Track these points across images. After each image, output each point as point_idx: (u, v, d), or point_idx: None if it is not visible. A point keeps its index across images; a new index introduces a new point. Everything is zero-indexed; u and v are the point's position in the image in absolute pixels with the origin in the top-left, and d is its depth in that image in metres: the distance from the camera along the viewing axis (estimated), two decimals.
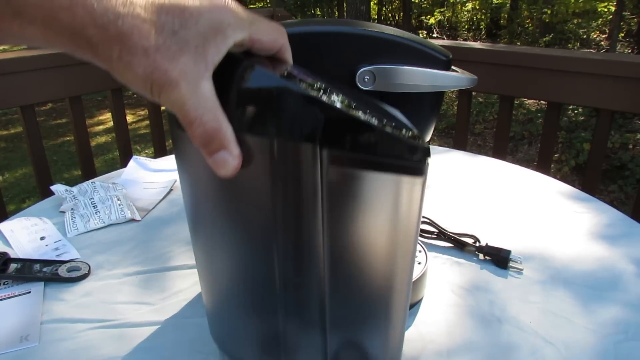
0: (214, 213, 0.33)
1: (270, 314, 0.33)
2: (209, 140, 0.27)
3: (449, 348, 0.48)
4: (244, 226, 0.32)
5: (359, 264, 0.30)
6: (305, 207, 0.28)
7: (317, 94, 0.27)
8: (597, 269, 0.60)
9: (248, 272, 0.33)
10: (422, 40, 0.46)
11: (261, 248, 0.31)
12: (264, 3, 12.96)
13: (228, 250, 0.33)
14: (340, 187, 0.27)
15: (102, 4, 0.26)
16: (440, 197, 0.80)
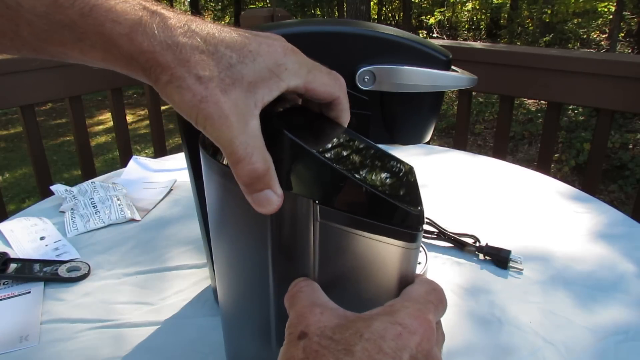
0: (224, 237, 0.34)
1: (265, 341, 0.33)
2: (256, 180, 0.27)
3: (449, 348, 0.48)
4: (243, 261, 0.33)
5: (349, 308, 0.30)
6: (297, 254, 0.28)
7: (319, 154, 0.27)
8: (597, 269, 0.60)
9: (247, 303, 0.34)
10: (422, 40, 0.46)
11: (257, 282, 0.31)
12: (264, 3, 12.97)
13: (235, 275, 0.35)
14: (331, 240, 0.27)
15: (163, 33, 0.26)
16: (440, 197, 0.80)
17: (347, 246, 0.27)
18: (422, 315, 0.25)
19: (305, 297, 0.27)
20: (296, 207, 0.27)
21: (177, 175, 0.88)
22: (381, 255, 0.28)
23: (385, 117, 0.48)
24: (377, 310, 0.26)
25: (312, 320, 0.25)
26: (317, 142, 0.29)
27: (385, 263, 0.28)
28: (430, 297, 0.27)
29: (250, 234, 0.31)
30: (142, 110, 5.25)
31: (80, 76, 1.37)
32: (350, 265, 0.28)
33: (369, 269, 0.28)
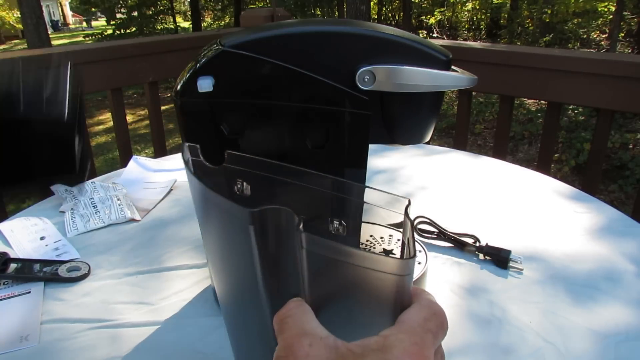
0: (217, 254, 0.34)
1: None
2: None
3: (449, 348, 0.48)
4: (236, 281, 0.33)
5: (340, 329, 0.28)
6: (286, 277, 0.28)
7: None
8: (597, 268, 0.60)
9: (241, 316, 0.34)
10: (422, 40, 0.46)
11: (249, 292, 0.31)
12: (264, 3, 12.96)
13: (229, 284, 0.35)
14: (319, 267, 0.27)
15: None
16: (440, 197, 0.80)
17: (336, 273, 0.26)
18: (419, 352, 0.23)
19: (293, 324, 0.25)
20: (281, 235, 0.26)
21: (177, 175, 0.88)
22: (372, 282, 0.26)
23: (385, 117, 0.48)
24: (371, 342, 0.24)
25: (301, 355, 0.23)
26: None
27: (377, 290, 0.27)
28: (429, 325, 0.25)
29: (236, 250, 0.30)
30: (142, 110, 5.24)
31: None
32: (341, 291, 0.27)
33: (360, 296, 0.27)
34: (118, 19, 11.66)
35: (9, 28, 17.27)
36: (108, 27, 12.75)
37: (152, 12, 11.71)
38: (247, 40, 0.44)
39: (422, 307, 0.26)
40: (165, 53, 1.61)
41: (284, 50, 0.44)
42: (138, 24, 10.93)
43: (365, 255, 0.25)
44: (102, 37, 11.24)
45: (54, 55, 1.30)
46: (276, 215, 0.25)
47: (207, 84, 0.43)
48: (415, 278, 0.52)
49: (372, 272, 0.25)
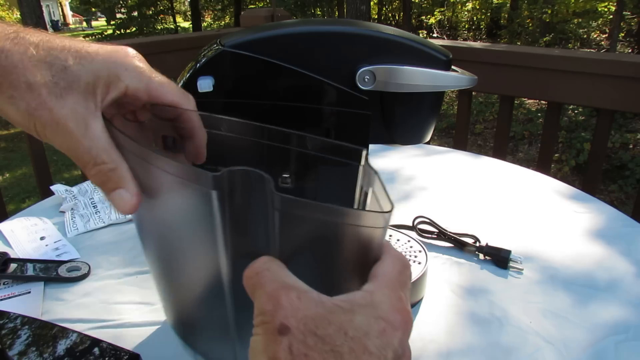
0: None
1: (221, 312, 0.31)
2: (106, 180, 0.27)
3: (449, 348, 0.48)
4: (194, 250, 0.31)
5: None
6: (255, 243, 0.27)
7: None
8: (597, 269, 0.60)
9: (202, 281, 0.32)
10: (422, 40, 0.46)
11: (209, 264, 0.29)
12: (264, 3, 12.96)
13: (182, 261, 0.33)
14: (293, 228, 0.25)
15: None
16: (440, 197, 0.80)
17: (311, 231, 0.25)
18: (403, 307, 0.24)
19: (273, 277, 0.23)
20: (249, 198, 0.25)
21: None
22: (348, 238, 0.26)
23: (385, 117, 0.48)
24: (357, 298, 0.23)
25: (290, 308, 0.22)
26: None
27: (352, 245, 0.26)
28: (404, 278, 0.26)
29: (192, 224, 0.29)
30: None
31: None
32: (314, 249, 0.26)
33: (334, 252, 0.26)
34: (118, 19, 11.66)
35: None
36: (108, 27, 12.75)
37: (152, 12, 11.71)
38: (247, 40, 0.44)
39: (395, 260, 0.26)
40: (165, 53, 1.61)
41: (284, 50, 0.44)
42: (138, 24, 10.93)
43: (344, 211, 0.24)
44: (102, 37, 11.24)
45: None
46: (244, 177, 0.24)
47: (207, 84, 0.43)
48: (415, 278, 0.52)
49: (350, 227, 0.25)
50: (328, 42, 0.45)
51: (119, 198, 0.27)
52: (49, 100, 0.25)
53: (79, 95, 0.26)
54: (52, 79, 0.25)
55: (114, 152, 0.27)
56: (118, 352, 0.43)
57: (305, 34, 0.44)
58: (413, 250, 0.57)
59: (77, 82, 0.26)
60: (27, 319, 0.46)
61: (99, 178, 0.27)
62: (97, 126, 0.26)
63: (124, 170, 0.27)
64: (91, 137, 0.26)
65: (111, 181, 0.27)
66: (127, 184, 0.27)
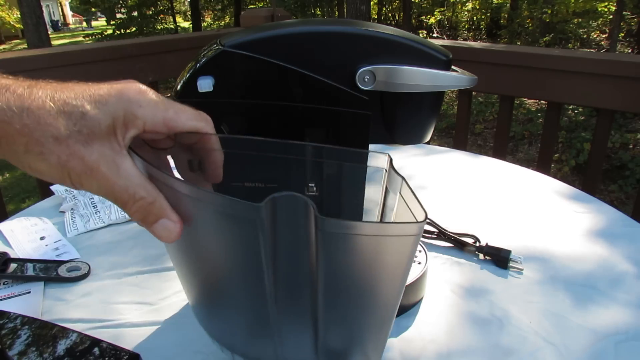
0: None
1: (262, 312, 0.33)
2: (147, 213, 0.28)
3: (449, 348, 0.48)
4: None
5: (350, 295, 0.31)
6: (297, 266, 0.29)
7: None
8: (597, 269, 0.60)
9: (240, 280, 0.34)
10: (422, 40, 0.46)
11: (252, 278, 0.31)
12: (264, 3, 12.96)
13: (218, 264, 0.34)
14: (334, 247, 0.27)
15: (3, 98, 0.25)
16: (440, 197, 0.80)
17: (353, 248, 0.27)
18: None
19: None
20: (292, 222, 0.27)
21: (177, 175, 0.88)
22: (388, 249, 0.28)
23: (385, 117, 0.48)
24: None
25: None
26: None
27: (392, 255, 0.28)
28: None
29: (233, 249, 0.30)
30: None
31: (80, 76, 1.37)
32: (356, 265, 0.28)
33: (375, 264, 0.29)
34: (118, 19, 11.66)
35: (9, 28, 17.27)
36: (108, 27, 12.75)
37: (152, 12, 11.71)
38: (247, 40, 0.44)
39: None
40: (165, 53, 1.61)
41: (284, 50, 0.44)
42: (138, 24, 10.93)
43: (382, 227, 0.27)
44: (102, 37, 11.24)
45: None
46: (289, 203, 0.25)
47: (207, 84, 0.43)
48: (415, 278, 0.52)
49: (388, 238, 0.27)
50: (328, 42, 0.45)
51: (162, 228, 0.28)
52: (77, 149, 0.26)
53: (103, 139, 0.27)
54: (75, 128, 0.26)
55: (149, 186, 0.28)
56: (118, 352, 0.43)
57: (305, 34, 0.44)
58: None
59: (98, 127, 0.27)
60: (27, 319, 0.46)
61: (140, 214, 0.28)
62: (127, 165, 0.27)
63: (162, 201, 0.28)
64: (125, 176, 0.27)
65: (152, 214, 0.28)
66: (168, 213, 0.28)
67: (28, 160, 0.26)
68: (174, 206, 0.29)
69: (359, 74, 0.44)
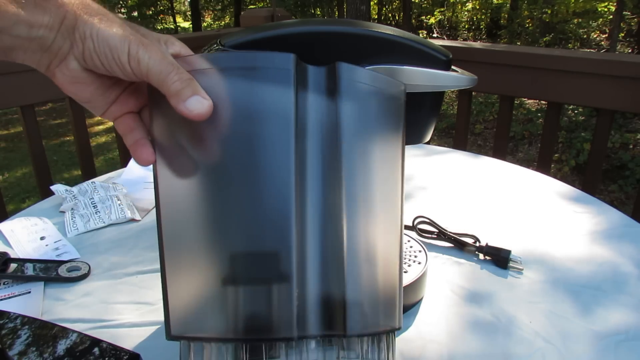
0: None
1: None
2: (186, 85, 0.31)
3: (449, 348, 0.48)
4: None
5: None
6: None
7: None
8: (597, 269, 0.60)
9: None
10: (422, 40, 0.46)
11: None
12: (264, 3, 12.96)
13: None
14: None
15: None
16: (440, 197, 0.80)
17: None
18: None
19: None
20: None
21: None
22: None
23: None
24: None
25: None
26: None
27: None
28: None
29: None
30: None
31: None
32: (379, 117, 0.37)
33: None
34: None
35: None
36: None
37: (152, 12, 11.71)
38: (247, 40, 0.44)
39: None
40: None
41: (284, 50, 0.44)
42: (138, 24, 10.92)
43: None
44: None
45: None
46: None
47: None
48: (415, 278, 0.52)
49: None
50: (328, 42, 0.45)
51: (196, 101, 0.31)
52: (137, 32, 0.32)
53: (152, 40, 0.33)
54: (132, 30, 0.32)
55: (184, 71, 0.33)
56: (118, 352, 0.43)
57: (305, 34, 0.44)
58: (413, 250, 0.57)
59: (149, 37, 0.33)
60: (27, 319, 0.46)
61: (179, 84, 0.31)
62: (169, 52, 0.33)
63: (197, 83, 0.32)
64: (171, 57, 0.32)
65: (189, 87, 0.31)
66: (202, 92, 0.32)
67: (98, 26, 0.31)
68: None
69: None
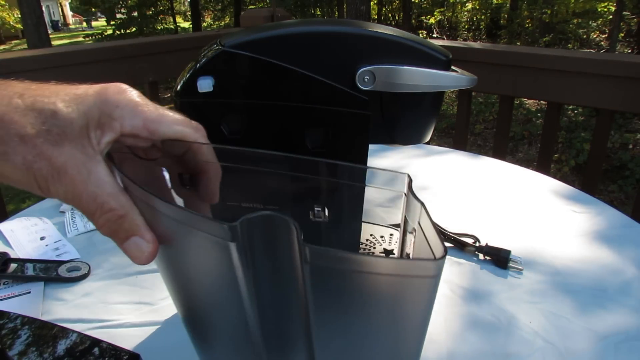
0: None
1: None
2: (116, 228, 0.25)
3: (448, 348, 0.48)
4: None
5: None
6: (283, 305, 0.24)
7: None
8: (596, 269, 0.60)
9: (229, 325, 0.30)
10: (422, 40, 0.46)
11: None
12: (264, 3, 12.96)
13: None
14: (325, 282, 0.22)
15: None
16: (440, 197, 0.80)
17: (345, 284, 0.22)
18: None
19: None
20: (274, 247, 0.22)
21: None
22: (393, 290, 0.22)
23: (385, 117, 0.48)
24: None
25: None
26: None
27: (400, 298, 0.22)
28: None
29: (210, 275, 0.26)
30: None
31: (80, 76, 1.37)
32: (355, 304, 0.23)
33: (376, 307, 0.23)
34: (118, 19, 11.66)
35: (9, 28, 17.27)
36: (108, 27, 12.75)
37: (152, 12, 11.71)
38: (247, 40, 0.44)
39: None
40: (165, 53, 1.61)
41: (284, 50, 0.44)
42: (138, 24, 10.93)
43: (384, 262, 0.21)
44: (102, 37, 11.24)
45: None
46: (266, 225, 0.21)
47: (207, 84, 0.43)
48: None
49: (393, 278, 0.21)
50: (328, 42, 0.45)
51: (134, 247, 0.25)
52: (45, 149, 0.23)
53: (75, 140, 0.24)
54: (43, 127, 0.24)
55: (123, 197, 0.25)
56: (118, 352, 0.43)
57: (305, 34, 0.44)
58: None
59: (70, 127, 0.24)
60: (27, 319, 0.46)
61: (108, 228, 0.25)
62: (99, 171, 0.25)
63: (135, 215, 0.25)
64: (95, 183, 0.24)
65: (122, 229, 0.25)
66: (141, 230, 0.25)
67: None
68: (152, 225, 0.26)
69: (359, 74, 0.44)
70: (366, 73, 0.44)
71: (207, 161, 0.30)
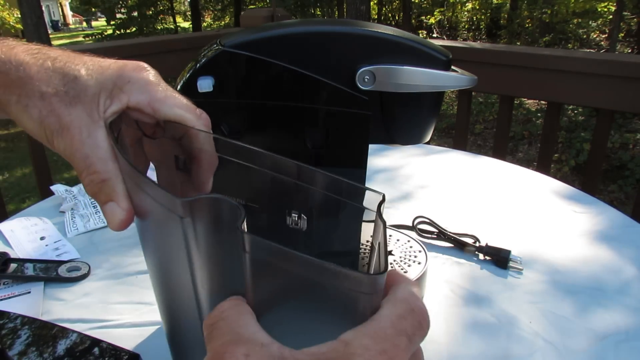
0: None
1: None
2: (97, 190, 0.27)
3: (448, 348, 0.48)
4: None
5: None
6: (225, 283, 0.23)
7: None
8: (596, 269, 0.60)
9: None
10: (422, 40, 0.46)
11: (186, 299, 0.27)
12: (264, 3, 12.96)
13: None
14: (262, 274, 0.21)
15: (8, 53, 0.27)
16: (440, 197, 0.80)
17: (285, 283, 0.21)
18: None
19: (226, 329, 0.20)
20: (221, 231, 0.22)
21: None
22: (330, 297, 0.21)
23: (385, 117, 0.48)
24: (326, 350, 0.19)
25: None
26: None
27: (335, 305, 0.21)
28: (403, 325, 0.20)
29: (169, 247, 0.27)
30: None
31: None
32: (291, 301, 0.22)
33: (314, 308, 0.22)
34: (118, 19, 11.66)
35: (9, 28, 17.27)
36: (108, 27, 12.75)
37: (152, 12, 11.71)
38: (247, 40, 0.44)
39: (397, 302, 0.20)
40: (165, 53, 1.61)
41: (284, 50, 0.44)
42: (138, 24, 10.93)
43: (321, 266, 0.19)
44: (102, 37, 11.25)
45: None
46: (214, 206, 0.21)
47: (207, 84, 0.43)
48: (415, 278, 0.52)
49: (331, 286, 0.20)
50: (328, 42, 0.45)
51: (109, 212, 0.27)
52: (57, 107, 0.26)
53: (85, 104, 0.27)
54: (63, 88, 0.27)
55: (111, 164, 0.27)
56: (118, 352, 0.43)
57: (305, 34, 0.44)
58: (413, 250, 0.58)
59: (84, 92, 0.27)
60: (27, 319, 0.46)
61: (91, 188, 0.27)
62: (98, 135, 0.27)
63: (116, 183, 0.27)
64: (90, 145, 0.26)
65: (102, 192, 0.27)
66: (118, 197, 0.27)
67: (16, 111, 0.27)
68: (132, 196, 0.27)
69: (359, 74, 0.44)
70: (366, 73, 0.44)
71: (202, 149, 0.31)
